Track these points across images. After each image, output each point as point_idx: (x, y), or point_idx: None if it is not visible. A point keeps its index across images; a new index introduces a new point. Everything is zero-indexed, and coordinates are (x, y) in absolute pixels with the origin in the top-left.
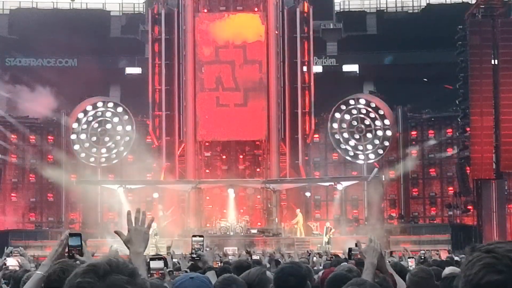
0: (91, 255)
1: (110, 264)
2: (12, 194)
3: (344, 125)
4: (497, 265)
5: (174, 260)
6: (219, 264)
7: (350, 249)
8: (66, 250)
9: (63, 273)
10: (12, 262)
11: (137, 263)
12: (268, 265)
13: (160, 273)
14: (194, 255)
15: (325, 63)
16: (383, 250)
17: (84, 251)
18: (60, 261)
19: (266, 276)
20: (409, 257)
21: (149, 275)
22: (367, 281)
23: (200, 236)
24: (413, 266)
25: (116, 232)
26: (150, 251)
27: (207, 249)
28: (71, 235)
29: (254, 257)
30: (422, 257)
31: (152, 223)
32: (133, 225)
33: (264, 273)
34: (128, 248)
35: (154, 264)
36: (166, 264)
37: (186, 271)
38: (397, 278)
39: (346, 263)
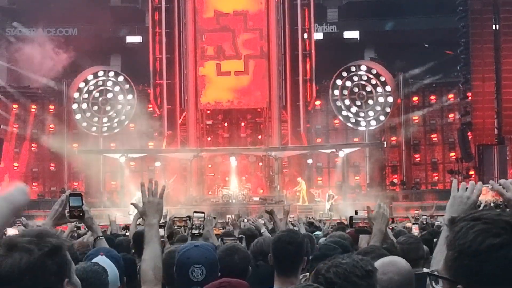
0: (91, 215)
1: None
2: (14, 164)
3: (346, 92)
4: (493, 229)
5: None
6: (221, 231)
7: (351, 218)
8: (67, 210)
9: None
10: (12, 232)
11: (150, 234)
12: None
13: (161, 240)
14: (196, 232)
15: (325, 30)
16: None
17: (85, 210)
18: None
19: None
20: (413, 224)
21: None
22: (376, 248)
23: (201, 212)
24: (417, 233)
25: (133, 204)
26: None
27: (210, 217)
28: (71, 195)
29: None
30: (424, 223)
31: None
32: (147, 196)
33: None
34: (144, 220)
35: None
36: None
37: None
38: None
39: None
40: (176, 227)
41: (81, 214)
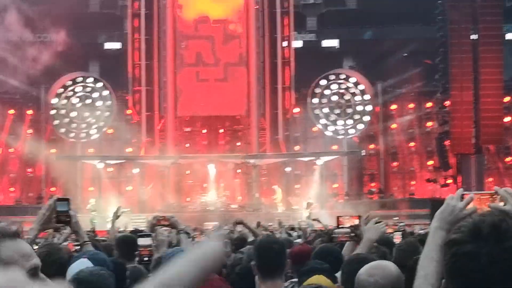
0: (78, 221)
1: None
2: None
3: (324, 100)
4: (467, 225)
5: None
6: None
7: (331, 231)
8: (54, 215)
9: (49, 257)
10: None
11: None
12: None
13: (148, 250)
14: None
15: (305, 38)
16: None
17: (72, 215)
18: (46, 244)
19: None
20: (396, 231)
21: (137, 252)
22: (367, 256)
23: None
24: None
25: None
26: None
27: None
28: (59, 200)
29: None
30: (401, 230)
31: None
32: None
33: None
34: None
35: (141, 241)
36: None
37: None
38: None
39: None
40: (159, 226)
41: (68, 219)
